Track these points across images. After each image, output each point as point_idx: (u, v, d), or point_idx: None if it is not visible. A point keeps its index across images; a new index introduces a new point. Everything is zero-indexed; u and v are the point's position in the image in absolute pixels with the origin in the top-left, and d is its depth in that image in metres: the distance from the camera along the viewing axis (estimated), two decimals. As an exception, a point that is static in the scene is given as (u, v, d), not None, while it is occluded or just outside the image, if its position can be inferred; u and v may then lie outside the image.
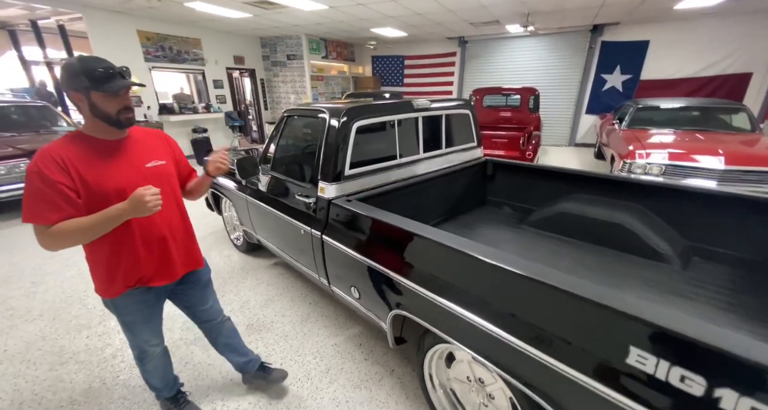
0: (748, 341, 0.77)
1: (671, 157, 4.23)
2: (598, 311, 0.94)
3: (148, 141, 1.30)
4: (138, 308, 1.33)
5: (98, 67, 1.08)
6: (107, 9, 5.96)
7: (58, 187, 1.05)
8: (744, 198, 1.90)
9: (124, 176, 1.17)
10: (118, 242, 1.20)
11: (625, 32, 7.94)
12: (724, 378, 0.77)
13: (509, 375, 1.16)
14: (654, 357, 0.85)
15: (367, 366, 2.01)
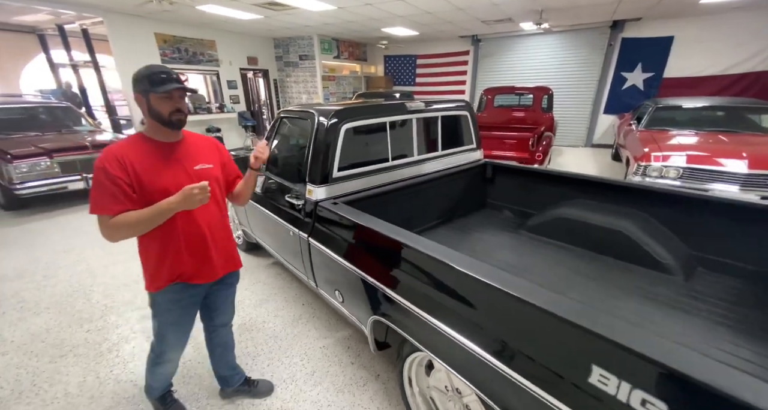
0: (722, 369, 0.71)
1: (689, 160, 4.02)
2: (560, 325, 0.89)
3: (199, 145, 1.40)
4: (171, 306, 1.39)
5: (158, 71, 1.21)
6: (126, 13, 6.18)
7: (118, 182, 1.17)
8: (755, 206, 1.78)
9: (172, 176, 1.27)
10: (165, 236, 1.29)
11: (647, 28, 7.61)
12: (688, 406, 0.72)
13: (476, 388, 1.12)
14: (616, 378, 0.80)
15: (352, 370, 2.00)
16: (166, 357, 1.50)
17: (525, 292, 0.97)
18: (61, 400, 1.81)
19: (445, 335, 1.17)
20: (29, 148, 4.48)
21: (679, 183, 4.07)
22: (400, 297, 1.36)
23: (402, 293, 1.36)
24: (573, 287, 1.80)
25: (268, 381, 1.88)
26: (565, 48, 8.46)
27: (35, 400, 1.80)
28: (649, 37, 7.70)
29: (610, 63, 8.12)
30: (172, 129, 1.26)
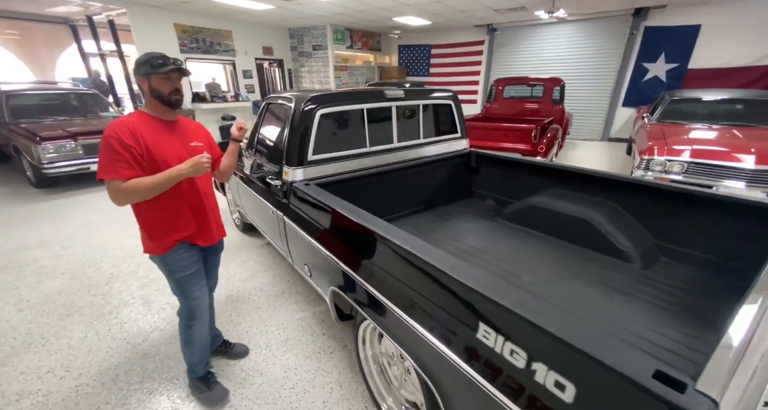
0: (573, 324, 0.79)
1: (693, 154, 3.89)
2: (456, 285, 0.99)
3: (190, 127, 1.59)
4: (187, 263, 1.54)
5: (157, 56, 1.38)
6: (147, 4, 6.46)
7: (131, 150, 1.31)
8: (721, 198, 1.77)
9: (173, 149, 1.44)
10: (172, 202, 1.46)
11: (672, 16, 7.23)
12: (539, 353, 0.81)
13: (403, 350, 1.23)
14: (494, 333, 0.90)
15: (323, 339, 2.15)
16: (197, 314, 1.61)
17: (435, 259, 1.07)
18: (64, 351, 2.05)
19: (383, 303, 1.28)
20: (57, 131, 4.86)
21: (682, 178, 3.95)
22: (349, 269, 1.48)
23: (351, 266, 1.47)
24: (528, 270, 1.86)
25: (243, 345, 2.05)
26: (583, 37, 8.17)
27: (41, 350, 2.06)
28: (674, 26, 7.32)
29: (631, 53, 7.79)
30: (171, 107, 1.43)
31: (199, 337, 1.67)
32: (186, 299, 1.59)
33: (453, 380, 1.04)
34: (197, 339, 1.67)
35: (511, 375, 0.86)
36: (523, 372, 0.84)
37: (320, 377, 1.88)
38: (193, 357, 1.71)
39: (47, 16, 8.13)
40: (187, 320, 1.64)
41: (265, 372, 1.92)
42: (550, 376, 0.79)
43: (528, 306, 0.85)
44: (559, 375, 0.77)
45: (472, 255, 2.06)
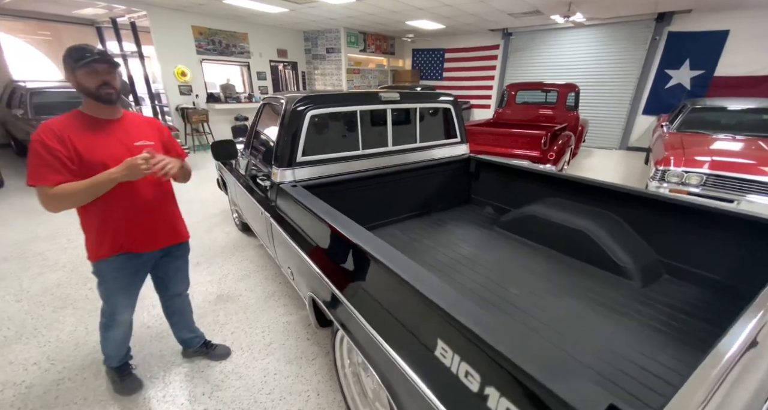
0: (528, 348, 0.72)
1: (713, 166, 3.68)
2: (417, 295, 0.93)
3: (140, 124, 1.48)
4: (117, 275, 1.47)
5: (80, 49, 1.25)
6: (167, 6, 6.66)
7: (57, 154, 1.23)
8: (737, 215, 1.64)
9: (110, 150, 1.33)
10: (107, 207, 1.36)
11: (698, 21, 6.94)
12: (492, 377, 0.74)
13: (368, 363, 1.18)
14: (451, 352, 0.83)
15: (306, 345, 2.11)
16: (117, 319, 1.57)
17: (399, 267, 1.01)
18: (53, 344, 2.08)
19: (350, 311, 1.23)
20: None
21: (700, 191, 3.75)
22: (322, 274, 1.43)
23: (324, 271, 1.43)
24: (516, 282, 1.77)
25: (226, 347, 2.03)
26: (602, 42, 7.93)
27: (32, 341, 2.09)
28: (700, 31, 7.02)
29: (653, 59, 7.51)
30: (102, 103, 1.30)
31: (114, 337, 1.64)
32: (107, 306, 1.55)
33: (410, 396, 0.97)
34: (112, 338, 1.65)
35: (464, 400, 0.79)
36: (475, 396, 0.77)
37: (299, 384, 1.84)
38: (107, 349, 1.70)
39: (75, 17, 8.47)
40: (106, 320, 1.60)
41: (244, 375, 1.89)
42: (501, 404, 0.72)
43: (484, 322, 0.79)
44: (511, 403, 0.70)
45: (460, 264, 1.98)
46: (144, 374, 1.89)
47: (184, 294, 1.84)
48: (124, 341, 1.71)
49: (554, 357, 0.71)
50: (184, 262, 1.75)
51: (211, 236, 3.52)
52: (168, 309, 1.84)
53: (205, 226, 3.76)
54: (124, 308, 1.58)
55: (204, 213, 4.12)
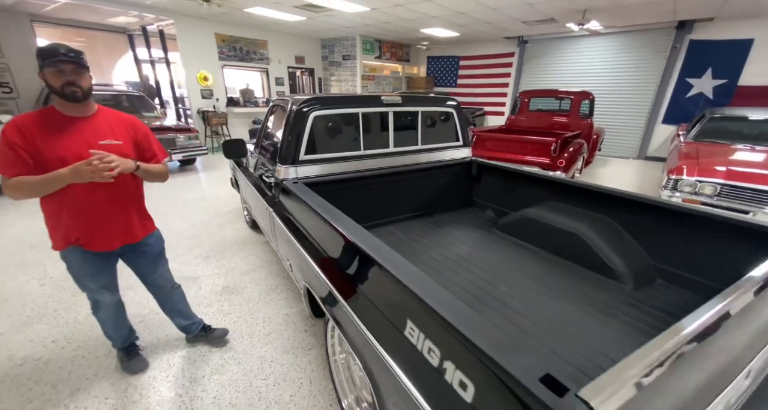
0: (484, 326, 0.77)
1: (728, 176, 3.59)
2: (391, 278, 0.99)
3: (113, 122, 1.49)
4: (81, 264, 1.53)
5: (48, 49, 1.29)
6: (193, 15, 7.02)
7: (14, 148, 1.29)
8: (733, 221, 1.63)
9: (71, 147, 1.35)
10: (59, 203, 1.41)
11: (721, 29, 6.78)
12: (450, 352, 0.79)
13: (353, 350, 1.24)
14: (417, 330, 0.89)
15: (303, 336, 2.18)
16: (98, 300, 1.67)
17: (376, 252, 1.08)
18: (70, 325, 2.24)
19: (335, 297, 1.30)
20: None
21: (714, 201, 3.65)
22: (315, 265, 1.51)
23: (316, 261, 1.51)
24: (508, 282, 1.80)
25: (223, 328, 2.15)
26: (620, 50, 7.83)
27: (51, 322, 2.26)
28: (723, 40, 6.85)
29: (674, 67, 7.36)
30: (68, 101, 1.35)
31: (105, 320, 1.76)
32: (83, 289, 1.63)
33: (385, 376, 1.03)
34: (104, 321, 1.77)
35: (428, 376, 0.85)
36: (435, 370, 0.82)
37: (293, 372, 1.91)
38: (105, 330, 1.82)
39: (109, 25, 9.00)
40: (91, 304, 1.70)
41: (242, 361, 1.98)
42: (456, 376, 0.77)
43: (445, 301, 0.84)
44: (464, 374, 0.75)
45: (455, 263, 2.02)
46: (150, 356, 2.00)
47: (169, 287, 1.90)
48: (118, 322, 1.80)
49: (513, 339, 0.76)
50: (152, 258, 1.75)
51: (222, 232, 3.67)
52: (158, 300, 1.95)
53: (217, 223, 3.92)
54: (100, 291, 1.64)
55: (216, 211, 4.29)
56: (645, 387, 0.63)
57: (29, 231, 3.57)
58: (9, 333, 2.16)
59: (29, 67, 7.41)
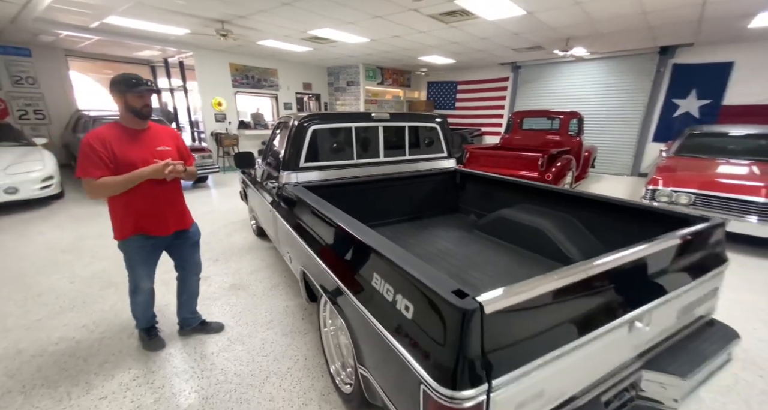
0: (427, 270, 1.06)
1: (701, 186, 3.85)
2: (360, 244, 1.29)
3: (161, 133, 1.91)
4: (138, 251, 1.89)
5: (132, 77, 1.70)
6: (210, 48, 7.72)
7: (99, 155, 1.64)
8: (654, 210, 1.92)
9: (138, 153, 1.75)
10: (129, 199, 1.76)
11: (702, 53, 7.20)
12: (398, 287, 1.09)
13: (334, 308, 1.52)
14: (380, 278, 1.19)
15: (301, 323, 2.45)
16: (139, 285, 1.98)
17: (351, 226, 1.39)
18: (97, 313, 2.54)
19: (321, 266, 1.59)
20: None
21: (691, 211, 3.89)
22: (308, 248, 1.81)
23: (308, 244, 1.81)
24: (478, 270, 2.08)
25: (219, 323, 2.39)
26: (608, 74, 8.29)
27: (81, 311, 2.56)
28: (704, 63, 7.26)
29: (660, 89, 7.75)
30: (142, 119, 1.76)
31: (139, 301, 2.05)
32: (131, 276, 1.97)
33: (357, 320, 1.31)
34: (138, 303, 2.06)
35: (389, 310, 1.13)
36: (390, 304, 1.11)
37: (291, 350, 2.17)
38: (136, 312, 2.10)
39: (135, 58, 9.84)
40: (132, 288, 2.01)
41: (246, 342, 2.24)
42: (403, 302, 1.06)
43: (397, 253, 1.14)
44: (408, 300, 1.04)
45: (435, 256, 2.30)
46: (167, 338, 2.28)
47: (196, 275, 2.22)
48: (148, 306, 2.11)
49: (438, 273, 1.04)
50: (194, 246, 2.15)
51: (231, 239, 4.00)
52: (181, 288, 2.22)
53: (226, 231, 4.26)
54: (144, 277, 1.99)
55: (226, 221, 4.64)
56: (523, 299, 0.92)
57: (59, 238, 3.95)
58: (46, 319, 2.47)
59: (61, 96, 8.13)
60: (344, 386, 1.74)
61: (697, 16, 4.97)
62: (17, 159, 5.04)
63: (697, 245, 1.50)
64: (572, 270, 1.08)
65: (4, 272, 3.15)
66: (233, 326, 2.41)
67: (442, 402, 0.87)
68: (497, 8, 4.54)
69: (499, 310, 0.90)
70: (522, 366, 0.93)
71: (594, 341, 1.09)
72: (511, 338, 0.95)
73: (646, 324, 1.28)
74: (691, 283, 1.40)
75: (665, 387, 1.36)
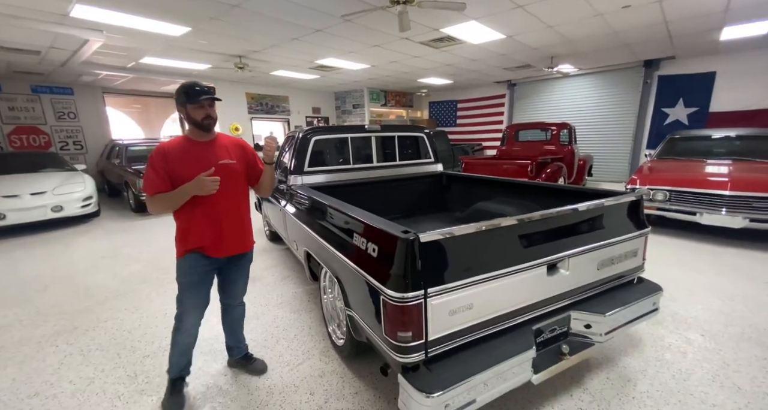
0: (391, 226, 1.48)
1: (674, 183, 4.17)
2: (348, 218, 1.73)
3: (228, 145, 1.76)
4: (191, 271, 1.68)
5: (192, 86, 1.58)
6: (228, 80, 8.58)
7: (157, 170, 1.57)
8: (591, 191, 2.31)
9: (197, 167, 1.59)
10: (189, 216, 1.66)
11: (684, 65, 7.62)
12: (369, 237, 1.51)
13: (328, 269, 1.94)
14: (358, 236, 1.61)
15: (307, 304, 2.85)
16: (185, 321, 1.72)
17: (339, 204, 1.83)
18: (136, 300, 3.01)
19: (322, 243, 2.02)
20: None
21: (667, 206, 4.19)
22: (310, 230, 2.25)
23: (311, 227, 2.26)
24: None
25: (263, 362, 2.11)
26: (598, 87, 8.75)
27: (122, 299, 3.04)
28: (688, 74, 7.66)
29: (648, 100, 8.14)
30: (204, 131, 1.64)
31: (179, 343, 1.76)
32: (179, 305, 1.73)
33: (345, 273, 1.72)
34: (178, 344, 1.76)
35: (362, 255, 1.55)
36: (364, 250, 1.53)
37: (298, 323, 2.56)
38: (173, 357, 1.79)
39: (162, 92, 10.87)
40: (175, 325, 1.76)
41: (260, 318, 2.65)
42: (371, 247, 1.48)
43: (370, 217, 1.57)
44: (374, 244, 1.46)
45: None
46: (194, 315, 2.71)
47: (240, 301, 2.02)
48: (186, 351, 1.79)
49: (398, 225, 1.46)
50: (245, 272, 1.97)
51: (248, 244, 4.48)
52: (226, 316, 2.03)
53: (244, 238, 4.76)
54: (191, 309, 1.73)
55: (243, 230, 5.15)
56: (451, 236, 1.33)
57: (99, 247, 4.52)
58: (94, 305, 2.95)
59: (97, 128, 9.06)
60: (338, 341, 2.13)
61: (665, 33, 5.44)
62: (62, 182, 5.73)
63: (613, 211, 1.88)
64: (493, 222, 1.48)
65: (57, 273, 3.68)
66: (249, 307, 2.75)
67: (393, 303, 1.27)
68: (479, 34, 5.12)
69: (431, 241, 1.31)
70: (450, 282, 1.33)
71: (513, 275, 1.47)
72: (443, 263, 1.35)
73: (566, 269, 1.66)
74: (603, 241, 1.77)
75: (590, 324, 1.71)
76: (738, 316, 2.48)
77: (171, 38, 5.09)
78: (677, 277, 3.13)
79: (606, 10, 4.38)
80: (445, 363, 1.38)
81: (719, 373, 1.92)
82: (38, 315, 2.79)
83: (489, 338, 1.49)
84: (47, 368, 2.14)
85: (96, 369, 2.12)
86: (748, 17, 4.78)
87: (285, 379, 1.99)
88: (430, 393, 1.23)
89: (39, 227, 5.40)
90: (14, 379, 2.05)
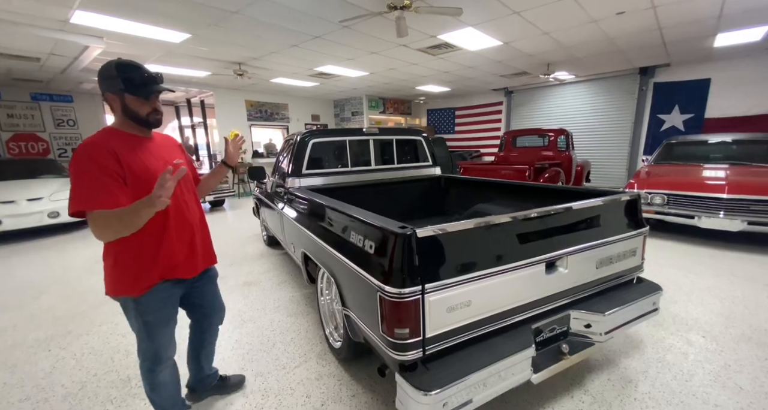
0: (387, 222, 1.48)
1: (671, 187, 4.19)
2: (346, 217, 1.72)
3: (167, 144, 1.46)
4: (162, 305, 1.34)
5: (134, 73, 1.17)
6: (228, 87, 8.65)
7: (113, 175, 1.12)
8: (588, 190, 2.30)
9: (160, 166, 1.25)
10: (158, 233, 1.27)
11: (679, 72, 7.72)
12: (366, 234, 1.50)
13: (325, 269, 1.92)
14: (354, 233, 1.60)
15: (304, 308, 2.82)
16: (163, 359, 1.40)
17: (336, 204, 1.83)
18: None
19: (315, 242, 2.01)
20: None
21: (665, 210, 4.20)
22: (307, 231, 2.24)
23: (308, 228, 2.24)
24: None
25: (239, 375, 1.94)
26: (595, 94, 8.84)
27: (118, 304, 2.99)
28: (683, 81, 7.75)
29: (644, 106, 8.22)
30: (148, 128, 1.29)
31: (166, 380, 1.44)
32: (152, 342, 1.35)
33: (342, 272, 1.71)
34: (164, 382, 1.44)
35: (359, 252, 1.54)
36: (361, 248, 1.52)
37: (294, 326, 2.53)
38: (163, 402, 1.47)
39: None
40: (151, 363, 1.38)
41: (256, 321, 2.62)
42: (368, 243, 1.47)
43: (365, 214, 1.57)
44: (371, 241, 1.45)
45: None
46: (190, 319, 2.67)
47: (219, 319, 1.72)
48: (175, 387, 1.50)
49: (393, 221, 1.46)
50: (216, 286, 1.68)
51: (244, 249, 4.45)
52: (204, 341, 1.70)
53: (240, 243, 4.73)
54: (168, 344, 1.41)
55: (240, 236, 5.13)
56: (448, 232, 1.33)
57: (94, 253, 4.50)
58: (89, 310, 2.91)
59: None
60: (335, 343, 2.10)
61: (659, 40, 5.53)
62: (59, 188, 5.71)
63: (610, 210, 1.88)
64: (491, 219, 1.48)
65: (52, 278, 3.64)
66: (245, 311, 2.79)
67: (390, 299, 1.26)
68: (475, 40, 5.19)
69: (428, 236, 1.30)
70: (448, 279, 1.31)
71: (511, 272, 1.46)
72: (441, 259, 1.35)
73: (565, 267, 1.65)
74: (601, 240, 1.76)
75: (590, 324, 1.69)
76: (738, 318, 2.46)
77: (171, 45, 5.15)
78: (677, 280, 3.12)
79: (601, 17, 4.46)
80: (443, 361, 1.36)
81: (721, 374, 1.90)
82: (32, 319, 2.75)
83: (488, 336, 1.48)
84: (39, 372, 2.10)
85: (89, 373, 2.08)
86: (741, 24, 4.86)
87: (281, 382, 1.95)
88: (428, 391, 1.21)
89: (35, 233, 5.37)
90: (5, 383, 2.01)
